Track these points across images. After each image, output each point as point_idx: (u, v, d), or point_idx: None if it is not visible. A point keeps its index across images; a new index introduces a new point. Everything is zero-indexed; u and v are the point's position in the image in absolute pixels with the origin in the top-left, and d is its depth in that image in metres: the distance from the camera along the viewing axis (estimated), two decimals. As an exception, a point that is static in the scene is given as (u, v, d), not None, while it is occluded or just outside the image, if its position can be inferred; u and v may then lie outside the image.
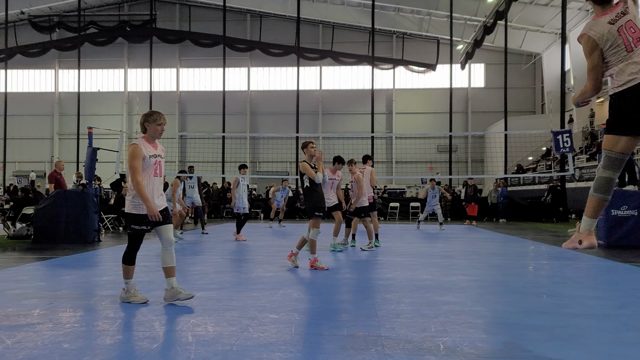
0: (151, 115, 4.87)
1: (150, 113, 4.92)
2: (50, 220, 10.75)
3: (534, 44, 33.74)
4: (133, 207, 4.75)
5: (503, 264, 8.16)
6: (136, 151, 4.67)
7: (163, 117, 4.97)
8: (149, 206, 4.64)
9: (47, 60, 37.50)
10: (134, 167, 4.64)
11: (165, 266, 4.93)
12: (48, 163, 38.23)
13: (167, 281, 4.90)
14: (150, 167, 4.76)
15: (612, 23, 3.30)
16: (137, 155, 4.65)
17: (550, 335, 3.85)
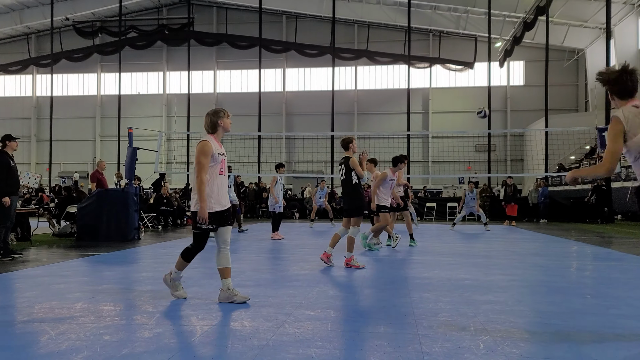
0: (220, 112, 4.90)
1: (217, 110, 4.92)
2: (92, 219, 11.06)
3: (576, 39, 32.68)
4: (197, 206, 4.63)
5: (545, 264, 7.91)
6: (206, 147, 4.61)
7: (227, 112, 5.02)
8: (202, 207, 4.53)
9: (90, 64, 38.67)
10: (201, 164, 4.56)
11: (220, 267, 4.84)
12: (91, 164, 39.40)
13: (222, 282, 4.82)
14: (217, 165, 4.71)
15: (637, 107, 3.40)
16: (207, 152, 4.60)
17: (597, 337, 3.70)
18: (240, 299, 4.76)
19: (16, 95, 41.03)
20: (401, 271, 6.92)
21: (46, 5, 34.90)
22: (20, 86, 41.26)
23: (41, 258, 8.20)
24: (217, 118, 4.85)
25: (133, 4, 37.34)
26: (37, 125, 40.38)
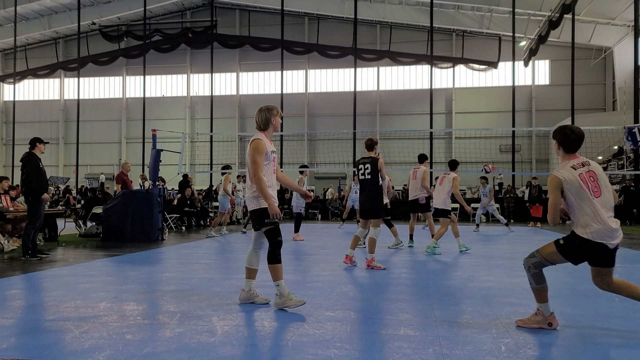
0: (273, 109, 4.81)
1: (270, 107, 4.83)
2: (117, 220, 11.24)
3: (604, 37, 31.99)
4: (260, 203, 4.52)
5: (571, 267, 7.73)
6: (260, 146, 4.52)
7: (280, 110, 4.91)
8: (270, 204, 4.44)
9: (115, 67, 39.37)
10: (257, 163, 4.46)
11: (248, 267, 4.82)
12: (116, 166, 40.06)
13: (246, 282, 4.82)
14: (270, 163, 4.61)
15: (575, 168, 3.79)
16: (262, 150, 4.50)
17: (623, 340, 3.61)
18: (262, 301, 4.76)
19: (45, 99, 41.97)
20: (423, 273, 6.86)
21: (73, 11, 35.64)
22: (49, 90, 42.19)
23: (68, 258, 8.37)
24: (270, 115, 4.78)
25: (158, 7, 37.89)
26: (64, 128, 41.24)
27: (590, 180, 3.73)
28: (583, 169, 3.75)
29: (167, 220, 15.07)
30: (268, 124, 4.77)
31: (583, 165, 3.78)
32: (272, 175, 4.62)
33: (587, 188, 3.69)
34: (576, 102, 26.40)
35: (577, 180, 3.71)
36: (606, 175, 3.85)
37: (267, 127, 4.78)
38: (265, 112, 4.79)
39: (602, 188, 3.75)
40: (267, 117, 4.76)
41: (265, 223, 4.52)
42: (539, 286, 3.93)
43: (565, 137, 3.85)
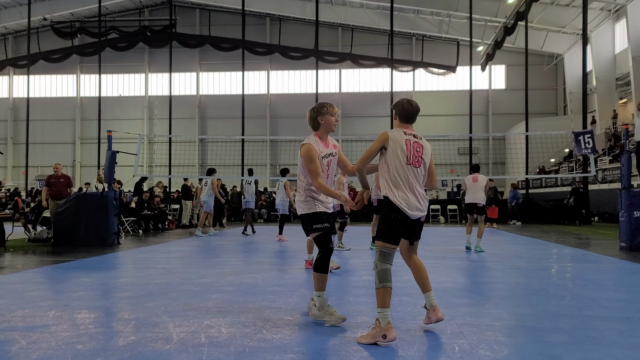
0: (323, 107, 4.35)
1: (321, 105, 4.39)
2: (70, 224, 10.90)
3: (555, 44, 33.22)
4: (309, 208, 4.26)
5: (525, 266, 8.01)
6: (311, 153, 4.15)
7: (335, 107, 4.46)
8: (341, 196, 4.15)
9: (69, 65, 38.20)
10: (312, 172, 4.12)
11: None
12: (70, 167, 38.87)
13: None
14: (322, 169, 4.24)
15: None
16: (313, 157, 4.14)
17: (570, 338, 3.75)
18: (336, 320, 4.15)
19: (-7, 97, 40.36)
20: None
21: (23, 6, 34.34)
22: (-3, 88, 40.59)
23: (16, 264, 8.06)
24: (318, 114, 4.33)
25: (113, 4, 36.99)
26: (13, 128, 39.73)
27: (415, 150, 3.91)
28: (412, 138, 3.92)
29: (124, 223, 14.71)
30: (317, 124, 4.35)
31: (415, 137, 3.97)
32: (325, 181, 4.25)
33: (407, 153, 3.86)
34: (530, 106, 27.28)
35: (402, 142, 3.88)
36: (431, 156, 4.06)
37: (317, 127, 4.37)
38: (315, 110, 4.37)
39: (423, 164, 3.93)
40: (313, 117, 4.36)
41: (313, 228, 4.22)
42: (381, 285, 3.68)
43: (402, 109, 4.05)
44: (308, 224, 4.26)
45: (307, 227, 4.30)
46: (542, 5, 29.03)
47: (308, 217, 4.25)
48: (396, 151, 3.85)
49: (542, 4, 28.89)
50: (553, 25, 31.66)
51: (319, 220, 4.21)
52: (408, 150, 3.86)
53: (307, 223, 4.27)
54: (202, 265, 7.92)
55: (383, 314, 3.60)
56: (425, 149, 3.97)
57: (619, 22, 28.82)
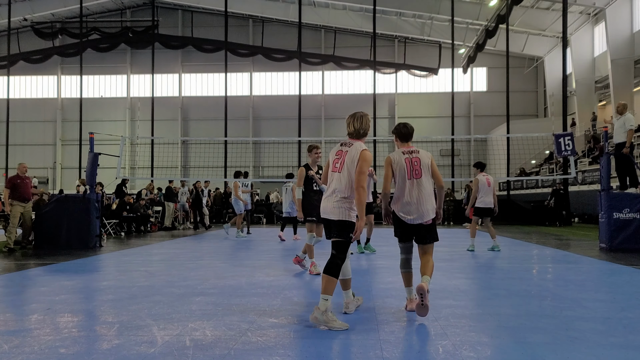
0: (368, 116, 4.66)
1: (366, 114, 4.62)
2: (52, 226, 10.76)
3: (535, 47, 33.70)
4: (353, 216, 4.34)
5: (506, 267, 8.11)
6: (370, 157, 4.32)
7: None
8: (362, 224, 4.29)
9: (50, 66, 37.67)
10: (365, 174, 4.26)
11: (344, 278, 4.61)
12: (51, 169, 38.33)
13: (345, 294, 4.67)
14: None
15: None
16: (371, 161, 4.33)
17: (552, 338, 3.82)
18: (337, 327, 4.13)
19: (-29, 98, 39.61)
20: (366, 277, 6.97)
21: (3, 6, 33.75)
22: (-25, 88, 39.85)
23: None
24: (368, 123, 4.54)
25: (95, 5, 36.60)
26: (-7, 129, 39.02)
27: (413, 164, 4.68)
28: (409, 155, 4.68)
29: (106, 226, 14.56)
30: (365, 133, 4.53)
31: (411, 152, 4.75)
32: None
33: (407, 170, 4.66)
34: (511, 109, 27.64)
35: (402, 162, 4.69)
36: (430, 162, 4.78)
37: (364, 135, 4.52)
38: (365, 118, 4.55)
39: (424, 173, 4.67)
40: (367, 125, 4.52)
41: (350, 237, 4.30)
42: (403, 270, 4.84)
43: (399, 132, 4.90)
44: (348, 231, 4.29)
45: (345, 233, 4.29)
46: (523, 8, 29.43)
47: (349, 225, 4.30)
48: (398, 171, 4.69)
49: (523, 8, 29.28)
50: (533, 29, 32.12)
51: (353, 229, 4.33)
52: (407, 168, 4.64)
53: (349, 230, 4.29)
54: (185, 267, 7.88)
55: (407, 290, 4.78)
56: (423, 159, 4.70)
57: (597, 26, 29.35)
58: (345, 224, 4.28)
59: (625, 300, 5.28)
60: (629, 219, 10.09)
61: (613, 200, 10.23)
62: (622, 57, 25.68)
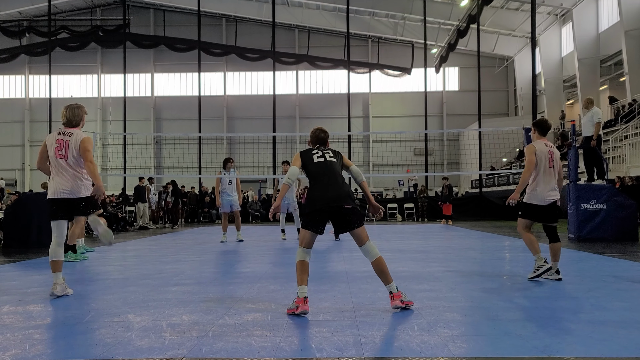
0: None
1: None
2: (21, 225, 10.51)
3: (505, 47, 34.38)
4: None
5: (479, 257, 8.27)
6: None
7: None
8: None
9: (17, 65, 36.77)
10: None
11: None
12: (19, 171, 37.42)
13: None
14: None
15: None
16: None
17: (522, 315, 3.93)
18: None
19: None
20: (341, 266, 7.03)
21: (-32, 3, 32.94)
22: (-62, 88, 38.69)
23: (-36, 265, 7.72)
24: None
25: (63, 3, 35.92)
26: (-42, 130, 37.93)
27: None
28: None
29: (77, 225, 14.28)
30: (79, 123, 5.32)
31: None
32: None
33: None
34: (482, 107, 28.11)
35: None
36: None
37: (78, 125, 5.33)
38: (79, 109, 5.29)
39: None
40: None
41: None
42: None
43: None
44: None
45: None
46: (493, 8, 30.00)
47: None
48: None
49: (493, 8, 29.85)
50: (503, 29, 32.76)
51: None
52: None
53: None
54: (159, 262, 7.81)
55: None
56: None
57: (565, 26, 30.11)
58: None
59: (592, 282, 5.47)
60: (596, 209, 10.39)
61: (581, 192, 10.52)
62: (588, 57, 26.41)
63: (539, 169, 5.57)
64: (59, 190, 5.04)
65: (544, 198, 5.62)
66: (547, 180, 5.60)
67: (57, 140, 5.03)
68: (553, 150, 5.64)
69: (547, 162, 5.57)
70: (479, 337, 3.39)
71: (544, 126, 5.80)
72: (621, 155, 19.74)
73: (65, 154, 4.98)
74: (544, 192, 5.61)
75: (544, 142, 5.67)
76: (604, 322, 3.70)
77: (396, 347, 3.15)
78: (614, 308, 4.15)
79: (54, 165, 5.06)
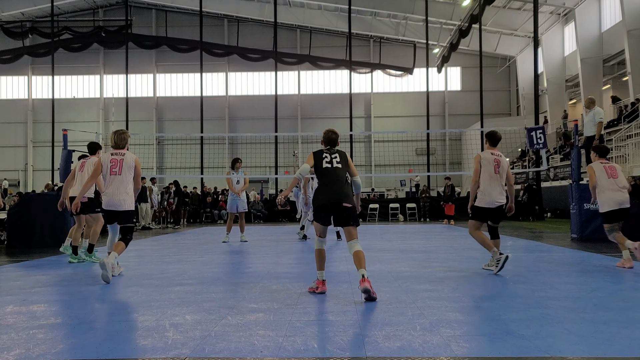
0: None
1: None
2: (24, 225, 10.54)
3: (508, 47, 34.32)
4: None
5: (481, 257, 8.25)
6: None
7: None
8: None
9: (20, 66, 36.83)
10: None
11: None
12: (22, 171, 37.50)
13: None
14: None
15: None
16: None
17: (525, 315, 3.93)
18: None
19: (-63, 99, 38.52)
20: (343, 266, 7.04)
21: (-29, 4, 33.03)
22: (-58, 89, 38.78)
23: (-33, 265, 7.75)
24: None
25: (66, 4, 35.96)
26: (-39, 131, 38.02)
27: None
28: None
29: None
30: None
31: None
32: None
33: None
34: (484, 107, 28.09)
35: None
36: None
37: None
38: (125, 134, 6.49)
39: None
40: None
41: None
42: None
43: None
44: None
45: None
46: (495, 8, 29.96)
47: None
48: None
49: (495, 8, 29.81)
50: (505, 28, 32.71)
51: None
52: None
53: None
54: (162, 262, 7.83)
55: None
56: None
57: (567, 26, 30.05)
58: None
59: (595, 283, 5.46)
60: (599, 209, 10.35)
61: (584, 192, 10.49)
62: (591, 57, 26.35)
63: (485, 175, 6.21)
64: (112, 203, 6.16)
65: (493, 201, 6.19)
66: (493, 185, 6.20)
67: (112, 160, 6.14)
68: (500, 159, 6.30)
69: (493, 169, 6.19)
70: (481, 336, 3.39)
71: (494, 138, 6.43)
72: (624, 154, 19.69)
73: (119, 169, 6.12)
74: (492, 196, 6.17)
75: (491, 151, 6.33)
76: (606, 322, 3.70)
77: (398, 346, 3.16)
78: (616, 308, 4.16)
79: (108, 180, 6.13)
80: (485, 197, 6.22)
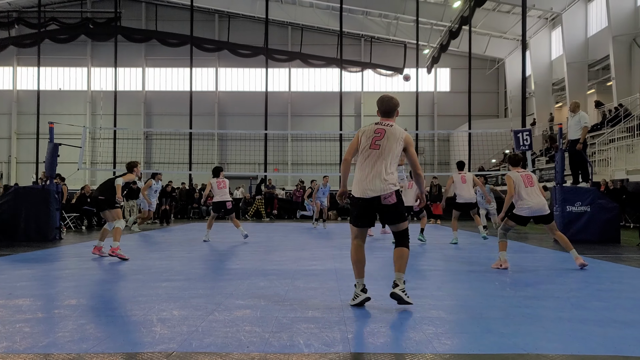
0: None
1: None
2: (9, 218, 10.47)
3: (497, 49, 34.60)
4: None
5: (466, 256, 8.39)
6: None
7: None
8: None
9: (5, 57, 36.33)
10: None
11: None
12: (5, 163, 37.03)
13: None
14: None
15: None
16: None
17: (505, 314, 4.03)
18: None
19: None
20: (333, 263, 7.11)
21: (-44, -7, 32.52)
22: None
23: (-49, 258, 7.70)
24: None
25: (54, -5, 35.56)
26: (-55, 121, 37.46)
27: (526, 178, 6.86)
28: (524, 172, 5.68)
29: (66, 219, 14.24)
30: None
31: (525, 170, 6.97)
32: None
33: (523, 183, 6.83)
34: (473, 109, 28.32)
35: (521, 179, 6.84)
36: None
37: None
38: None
39: (534, 182, 6.86)
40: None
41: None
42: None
43: (511, 160, 7.04)
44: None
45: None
46: (485, 11, 30.18)
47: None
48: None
49: (485, 10, 30.03)
50: (495, 31, 32.97)
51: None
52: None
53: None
54: (149, 258, 7.85)
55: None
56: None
57: (555, 30, 30.37)
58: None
59: (575, 283, 5.59)
60: (581, 211, 10.56)
61: (567, 194, 10.69)
62: (576, 61, 26.68)
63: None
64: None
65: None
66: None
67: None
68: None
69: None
70: (462, 334, 3.48)
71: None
72: (606, 158, 19.99)
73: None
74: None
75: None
76: (582, 320, 3.81)
77: (382, 343, 3.23)
78: (593, 307, 4.27)
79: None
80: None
